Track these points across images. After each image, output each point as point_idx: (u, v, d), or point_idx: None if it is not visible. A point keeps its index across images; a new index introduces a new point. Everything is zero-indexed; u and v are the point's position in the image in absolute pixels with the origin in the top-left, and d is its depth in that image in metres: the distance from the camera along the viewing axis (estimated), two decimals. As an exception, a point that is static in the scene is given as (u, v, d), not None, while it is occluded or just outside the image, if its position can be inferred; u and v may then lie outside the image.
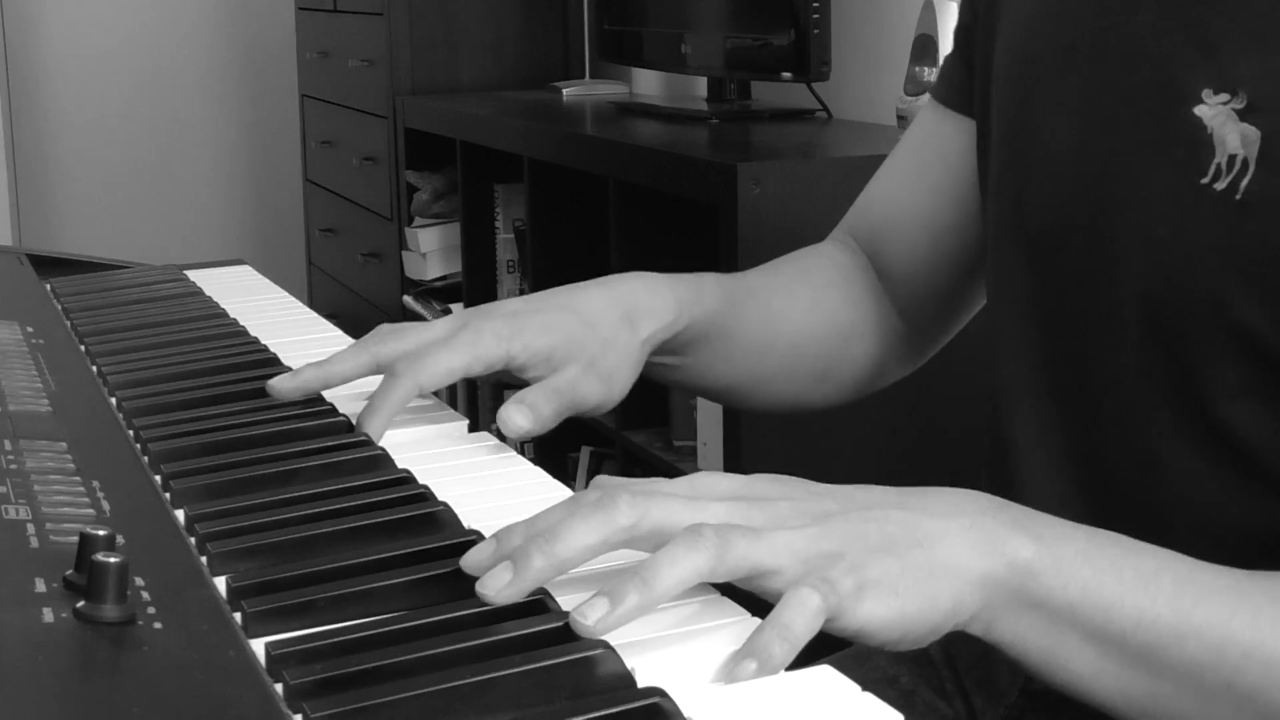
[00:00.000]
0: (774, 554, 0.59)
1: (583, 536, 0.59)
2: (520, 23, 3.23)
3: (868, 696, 0.52)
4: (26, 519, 0.63)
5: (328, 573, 0.61)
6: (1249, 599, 0.61)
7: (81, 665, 0.50)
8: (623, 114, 2.62)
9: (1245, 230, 0.69)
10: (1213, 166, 0.70)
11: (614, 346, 0.87)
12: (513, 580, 0.58)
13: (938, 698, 0.92)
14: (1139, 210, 0.74)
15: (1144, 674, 0.61)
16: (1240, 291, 0.69)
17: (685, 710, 0.50)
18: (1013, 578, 0.61)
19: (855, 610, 0.58)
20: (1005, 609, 0.62)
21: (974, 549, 0.61)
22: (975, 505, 0.64)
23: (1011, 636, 0.62)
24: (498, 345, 0.84)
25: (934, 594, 0.60)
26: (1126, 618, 0.61)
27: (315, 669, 0.52)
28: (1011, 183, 0.85)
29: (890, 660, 0.94)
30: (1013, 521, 0.63)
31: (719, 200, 1.81)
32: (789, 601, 0.57)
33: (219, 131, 4.14)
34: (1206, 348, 0.71)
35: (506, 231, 2.87)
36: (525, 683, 0.52)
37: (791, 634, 0.56)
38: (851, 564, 0.59)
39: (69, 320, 1.08)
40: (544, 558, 0.58)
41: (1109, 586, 0.61)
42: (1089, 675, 0.62)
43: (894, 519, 0.62)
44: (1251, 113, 0.69)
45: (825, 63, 2.16)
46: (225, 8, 4.09)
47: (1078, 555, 0.62)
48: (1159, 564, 0.63)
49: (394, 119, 3.11)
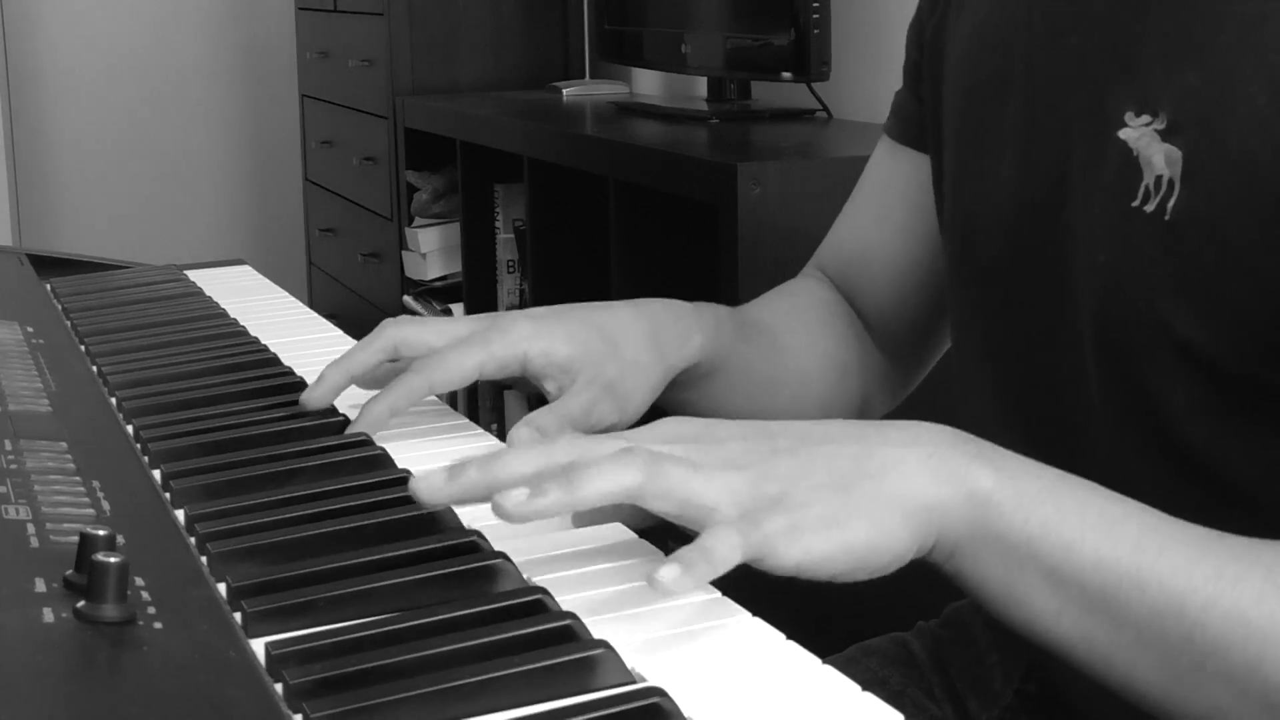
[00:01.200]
0: (711, 491, 0.59)
1: (519, 464, 0.61)
2: (520, 23, 3.22)
3: (868, 696, 0.52)
4: (26, 519, 0.63)
5: (328, 573, 0.61)
6: (1214, 553, 0.60)
7: (81, 665, 0.50)
8: (623, 114, 2.62)
9: (1176, 250, 0.69)
10: (1141, 189, 0.71)
11: (636, 368, 0.85)
12: (446, 483, 0.61)
13: (927, 699, 0.92)
14: (1082, 236, 0.75)
15: (1105, 620, 0.60)
16: (1180, 310, 0.69)
17: (685, 710, 0.50)
18: (972, 507, 0.61)
19: (789, 548, 0.58)
20: (965, 539, 0.61)
21: (932, 477, 0.61)
22: (937, 436, 0.63)
23: (970, 567, 0.62)
24: (514, 346, 0.82)
25: (883, 521, 0.59)
26: (1086, 558, 0.60)
27: (315, 669, 0.52)
28: (962, 217, 0.86)
29: (880, 663, 0.95)
30: (975, 453, 0.62)
31: (719, 200, 1.81)
32: (711, 532, 0.58)
33: (219, 132, 4.14)
34: (1159, 369, 0.71)
35: (506, 231, 2.87)
36: (525, 683, 0.52)
37: (713, 557, 0.57)
38: (790, 504, 0.59)
39: (69, 320, 1.08)
40: (479, 472, 0.61)
41: (1070, 525, 0.60)
42: (1049, 615, 0.61)
43: (846, 453, 0.61)
44: (1173, 133, 0.69)
45: (825, 63, 2.16)
46: (225, 8, 4.09)
47: (1041, 491, 0.61)
48: (1125, 511, 0.62)
49: (394, 119, 3.11)
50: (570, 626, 0.56)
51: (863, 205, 1.03)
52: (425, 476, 0.62)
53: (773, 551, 0.58)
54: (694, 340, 0.89)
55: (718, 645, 0.56)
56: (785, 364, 0.98)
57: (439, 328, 0.85)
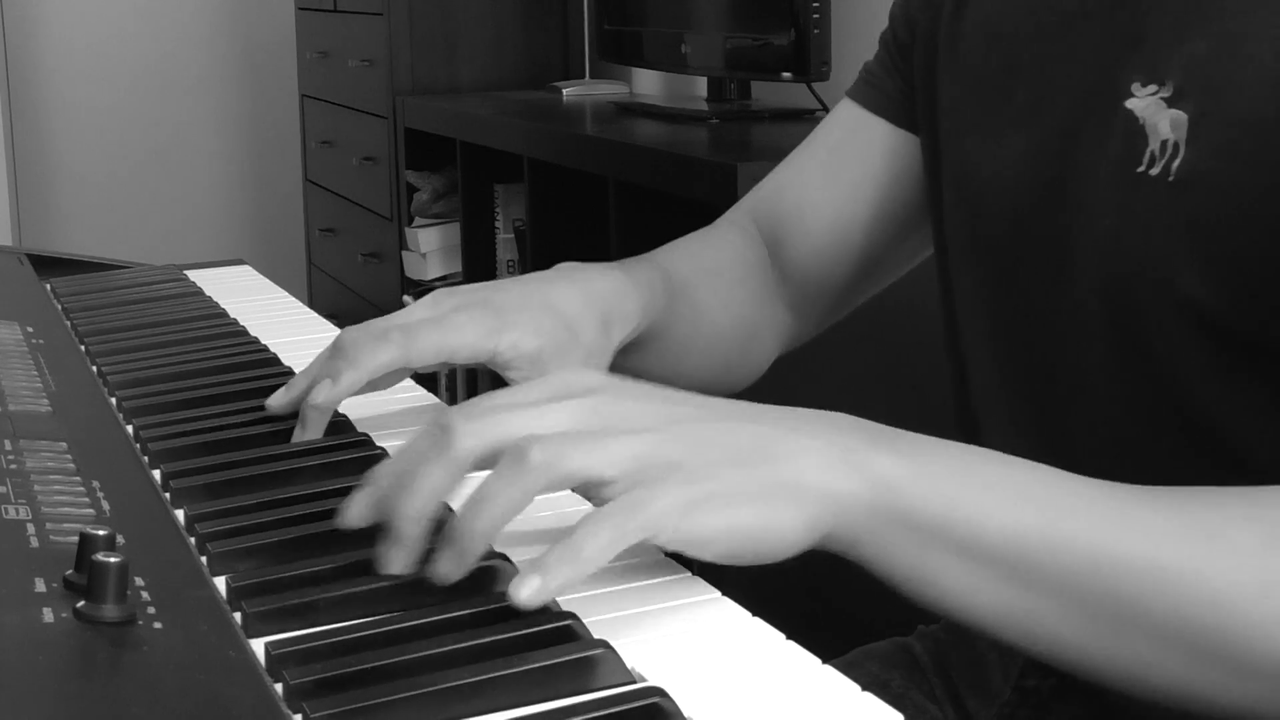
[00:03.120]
0: (609, 464, 0.58)
1: (430, 482, 0.59)
2: (520, 23, 3.23)
3: (868, 696, 0.52)
4: (26, 519, 0.63)
5: (328, 573, 0.61)
6: (1125, 507, 0.59)
7: (81, 665, 0.50)
8: (623, 114, 2.62)
9: (1180, 210, 0.70)
10: (1146, 154, 0.72)
11: (594, 353, 0.86)
12: (396, 548, 0.59)
13: (928, 701, 0.92)
14: (1088, 208, 0.76)
15: (1020, 589, 0.59)
16: (1184, 269, 0.71)
17: (685, 710, 0.50)
18: (873, 494, 0.59)
19: (679, 524, 0.57)
20: (867, 527, 0.60)
21: (829, 467, 0.59)
22: (837, 423, 0.62)
23: (875, 554, 0.60)
24: (485, 339, 0.81)
25: (775, 510, 0.58)
26: (994, 530, 0.59)
27: (315, 669, 0.52)
28: (968, 202, 0.87)
29: (881, 666, 0.95)
30: (874, 438, 0.61)
31: (719, 200, 1.81)
32: (583, 525, 0.56)
33: (219, 131, 4.14)
34: (1166, 332, 0.72)
35: (506, 231, 2.87)
36: (525, 683, 0.52)
37: (580, 557, 0.56)
38: (688, 475, 0.58)
39: (69, 320, 1.08)
40: (403, 521, 0.59)
41: (976, 498, 0.59)
42: (964, 591, 0.60)
43: (747, 431, 0.60)
44: (1179, 99, 0.71)
45: (825, 63, 2.16)
46: (225, 8, 4.09)
47: (943, 470, 0.60)
48: (1031, 476, 0.61)
49: (394, 119, 3.11)
50: (570, 626, 0.56)
51: (814, 158, 1.03)
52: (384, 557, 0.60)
53: (661, 529, 0.57)
54: (633, 318, 0.89)
55: (718, 645, 0.56)
56: (699, 323, 0.98)
57: (400, 318, 0.83)
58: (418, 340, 0.79)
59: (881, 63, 1.01)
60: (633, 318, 0.89)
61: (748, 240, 1.04)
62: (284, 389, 0.82)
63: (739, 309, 1.01)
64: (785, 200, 1.04)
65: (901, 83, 0.97)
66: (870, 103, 1.00)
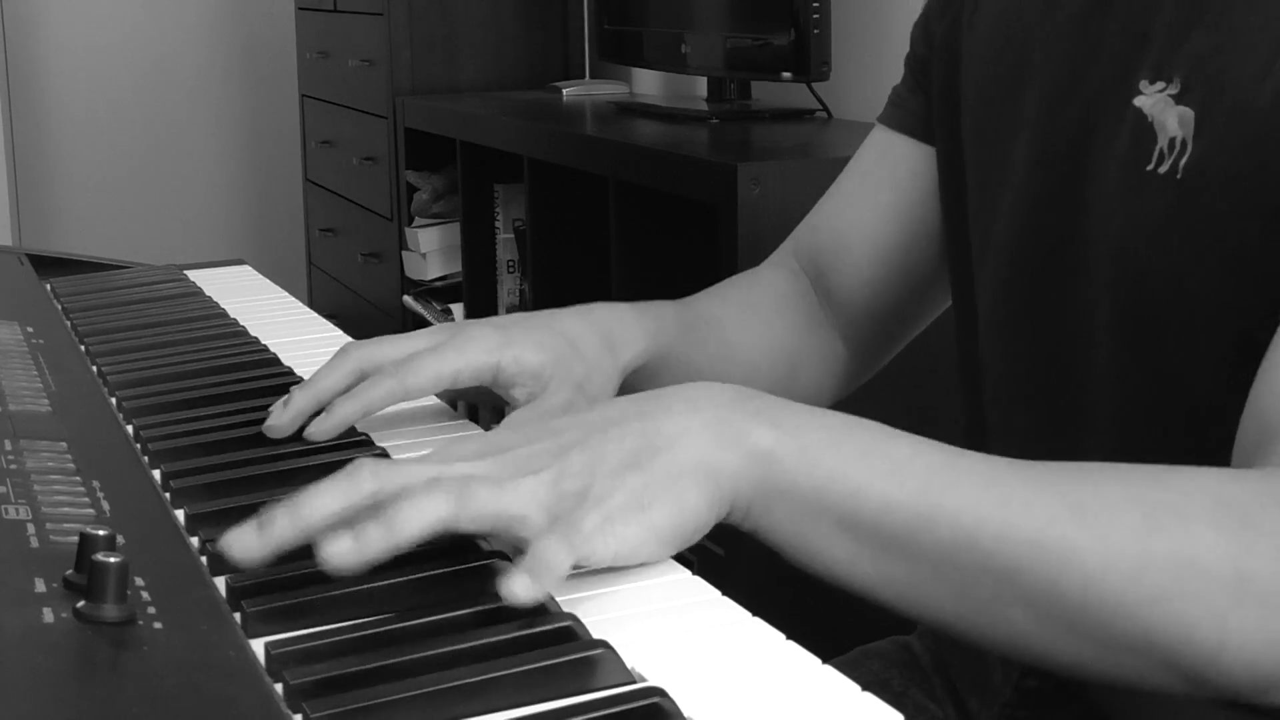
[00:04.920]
0: (518, 502, 0.60)
1: (325, 501, 0.61)
2: (520, 23, 3.22)
3: (868, 696, 0.52)
4: (26, 519, 0.63)
5: (327, 572, 0.61)
6: (1003, 482, 0.60)
7: (81, 665, 0.50)
8: (623, 114, 2.62)
9: (1187, 205, 0.71)
10: (1155, 152, 0.73)
11: (598, 370, 0.86)
12: (259, 538, 0.60)
13: (928, 700, 0.92)
14: (1099, 207, 0.77)
15: (899, 559, 0.60)
16: (1192, 266, 0.71)
17: (685, 710, 0.50)
18: (756, 466, 0.61)
19: (605, 544, 0.60)
20: (754, 497, 0.62)
21: (715, 442, 0.62)
22: (716, 399, 0.64)
23: (766, 524, 0.62)
24: (488, 355, 0.82)
25: (682, 495, 0.61)
26: (874, 501, 0.60)
27: (315, 669, 0.52)
28: (987, 205, 0.87)
29: (882, 664, 0.95)
30: (755, 411, 0.63)
31: (719, 200, 1.81)
32: (540, 541, 0.59)
33: (219, 131, 4.14)
34: (1176, 329, 0.73)
35: (506, 231, 2.87)
36: (525, 683, 0.52)
37: (551, 563, 0.58)
38: (595, 498, 0.60)
39: (69, 320, 1.08)
40: (288, 519, 0.61)
41: (856, 471, 0.61)
42: (845, 561, 0.61)
43: (633, 430, 0.63)
44: (1185, 95, 0.72)
45: (825, 63, 2.16)
46: (225, 8, 4.09)
47: (823, 443, 0.62)
48: (913, 451, 0.62)
49: (394, 119, 3.11)
50: (570, 627, 0.56)
51: (848, 188, 1.04)
52: (235, 536, 0.61)
53: (592, 551, 0.60)
54: (640, 343, 0.90)
55: (718, 645, 0.56)
56: (732, 357, 0.98)
57: (402, 344, 0.84)
58: (414, 371, 0.80)
59: (906, 84, 1.02)
60: (637, 341, 0.90)
61: (786, 275, 1.05)
62: (281, 406, 0.81)
63: (776, 341, 1.01)
64: (824, 231, 1.04)
65: (925, 99, 0.98)
66: (897, 123, 1.01)
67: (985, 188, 0.88)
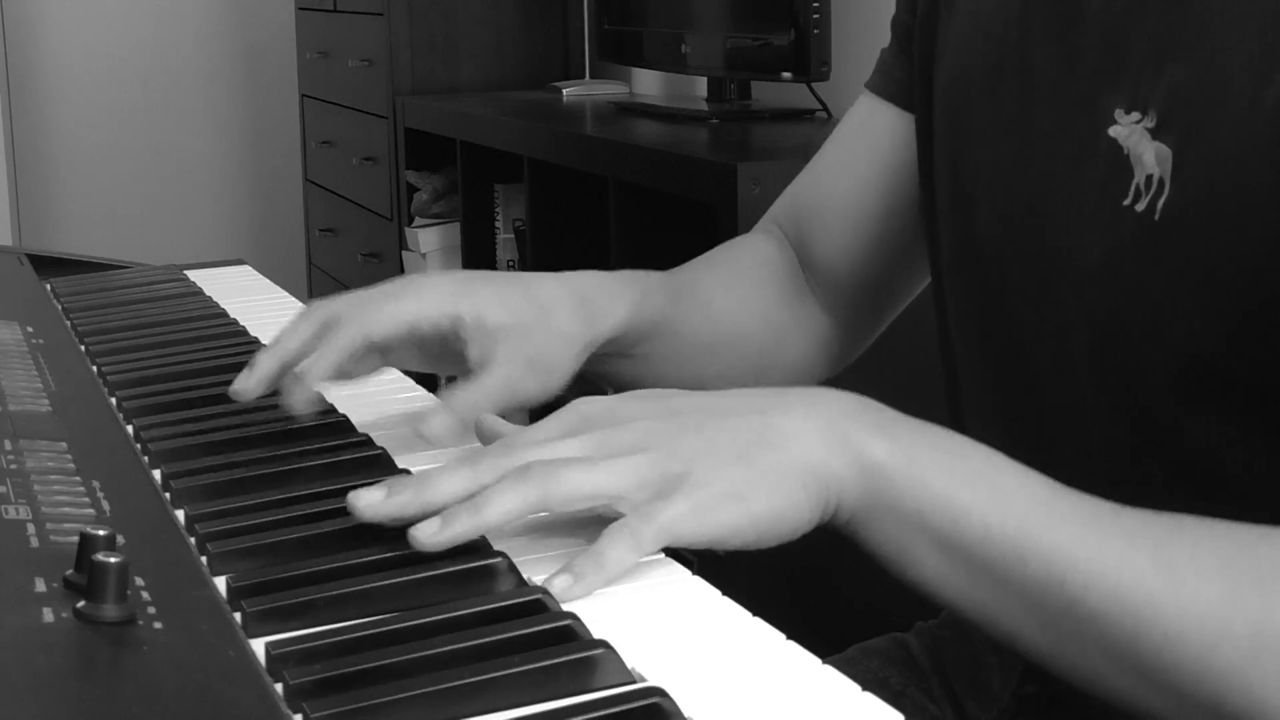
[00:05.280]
0: (613, 481, 0.62)
1: (455, 484, 0.63)
2: (520, 23, 3.23)
3: (868, 696, 0.52)
4: (26, 519, 0.63)
5: (328, 573, 0.61)
6: (1101, 531, 0.61)
7: (81, 665, 0.50)
8: (623, 114, 2.62)
9: (1166, 249, 0.69)
10: (1132, 188, 0.71)
11: (561, 338, 0.84)
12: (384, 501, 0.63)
13: (927, 700, 0.92)
14: (1074, 233, 0.75)
15: (990, 586, 0.62)
16: (1172, 311, 0.70)
17: (685, 710, 0.50)
18: (865, 478, 0.63)
19: (699, 526, 0.61)
20: (860, 506, 0.63)
21: (829, 448, 0.63)
22: (835, 407, 0.65)
23: (867, 534, 0.64)
24: (449, 302, 0.80)
25: (788, 492, 0.62)
26: (973, 529, 0.62)
27: (315, 669, 0.52)
28: (960, 203, 0.85)
29: (881, 663, 0.95)
30: (873, 424, 0.64)
31: (719, 200, 1.81)
32: (606, 534, 0.61)
33: (219, 131, 4.14)
34: (1154, 368, 0.72)
35: (506, 231, 2.87)
36: (525, 683, 0.52)
37: (605, 561, 0.60)
38: (696, 481, 0.61)
39: (69, 320, 1.08)
40: (414, 494, 0.63)
41: (960, 497, 0.62)
42: (937, 579, 0.63)
43: (749, 425, 0.64)
44: (1162, 131, 0.70)
45: (825, 63, 2.16)
46: (225, 8, 4.09)
47: (934, 463, 0.63)
48: (1019, 484, 0.63)
49: (394, 119, 3.11)
50: (570, 626, 0.56)
51: (831, 155, 1.02)
52: (363, 493, 0.64)
53: (680, 534, 0.61)
54: (619, 311, 0.88)
55: (718, 645, 0.56)
56: (718, 327, 0.97)
57: (360, 294, 0.83)
58: (374, 315, 0.79)
59: (892, 49, 0.99)
60: (617, 309, 0.88)
61: (773, 243, 1.03)
62: (247, 371, 0.81)
63: (762, 309, 0.99)
64: (807, 199, 1.03)
65: (909, 65, 0.95)
66: (881, 89, 0.98)
67: (958, 194, 0.86)
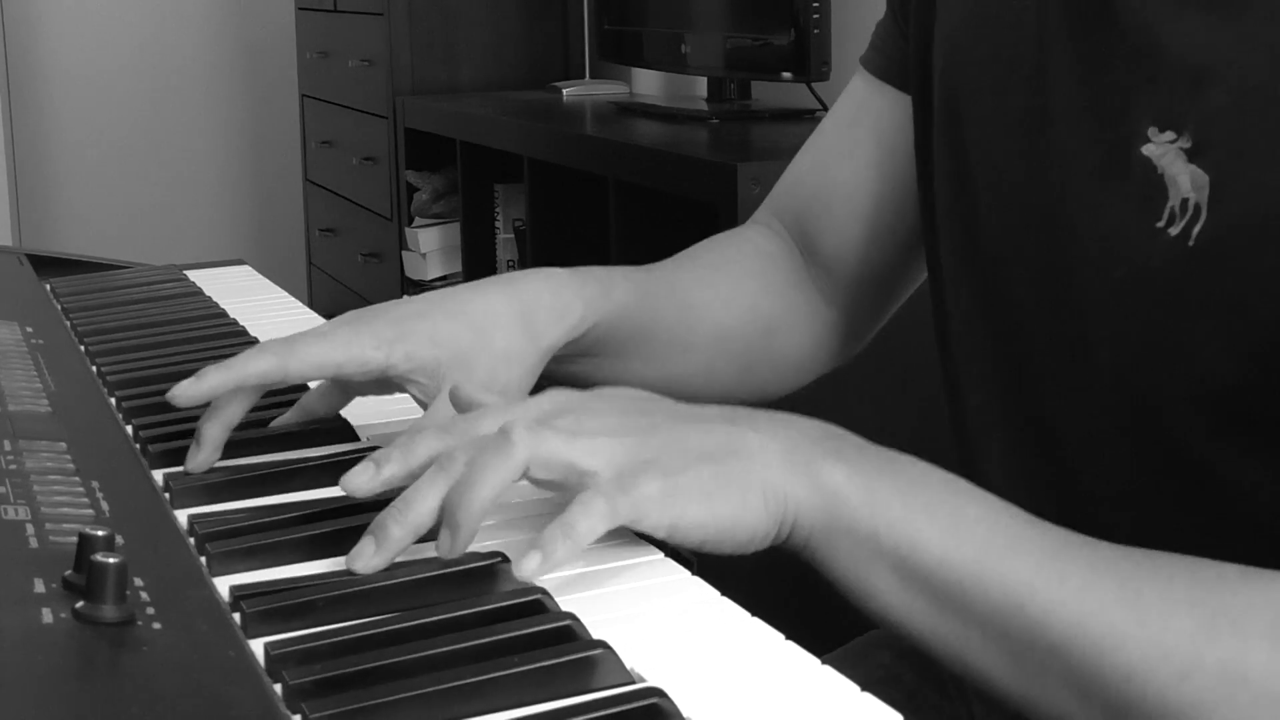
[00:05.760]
0: (589, 456, 0.62)
1: (430, 502, 0.63)
2: (520, 23, 3.23)
3: (867, 696, 0.52)
4: (26, 519, 0.63)
5: (327, 573, 0.61)
6: (1064, 559, 0.60)
7: (81, 665, 0.50)
8: (623, 114, 2.62)
9: (1200, 277, 0.67)
10: (1166, 210, 0.68)
11: (506, 359, 0.82)
12: (377, 552, 0.62)
13: (942, 698, 0.92)
14: (1095, 247, 0.72)
15: (952, 616, 0.61)
16: (1201, 338, 0.67)
17: (685, 710, 0.50)
18: (821, 500, 0.62)
19: (663, 511, 0.61)
20: (816, 531, 0.62)
21: (790, 469, 0.63)
22: (803, 429, 0.65)
23: (825, 558, 0.63)
24: (377, 350, 0.78)
25: (748, 501, 0.61)
26: (932, 555, 0.61)
27: (315, 669, 0.52)
28: (961, 208, 0.83)
29: (894, 658, 0.93)
30: (834, 450, 0.64)
31: (719, 200, 1.81)
32: (577, 502, 0.60)
33: (219, 132, 4.14)
34: (1175, 392, 0.69)
35: (506, 231, 2.87)
36: (525, 683, 0.52)
37: (575, 532, 0.59)
38: (664, 469, 0.61)
39: (69, 320, 1.08)
40: (400, 529, 0.62)
41: (918, 523, 0.61)
42: (899, 608, 0.62)
43: (717, 430, 0.64)
44: (1198, 154, 0.67)
45: (825, 63, 2.16)
46: (225, 8, 4.09)
47: (892, 489, 0.62)
48: (982, 511, 0.62)
49: (394, 119, 3.11)
50: (570, 627, 0.56)
51: (829, 139, 0.98)
52: (357, 554, 0.62)
53: (646, 514, 0.61)
54: (573, 313, 0.85)
55: (717, 645, 0.56)
56: (696, 323, 0.94)
57: (306, 331, 0.80)
58: (297, 352, 0.77)
59: (885, 23, 0.95)
60: (568, 312, 0.85)
61: (765, 234, 1.00)
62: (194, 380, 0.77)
63: (748, 302, 0.96)
64: (805, 185, 0.99)
65: (905, 44, 0.91)
66: (877, 68, 0.95)
67: (959, 195, 0.83)
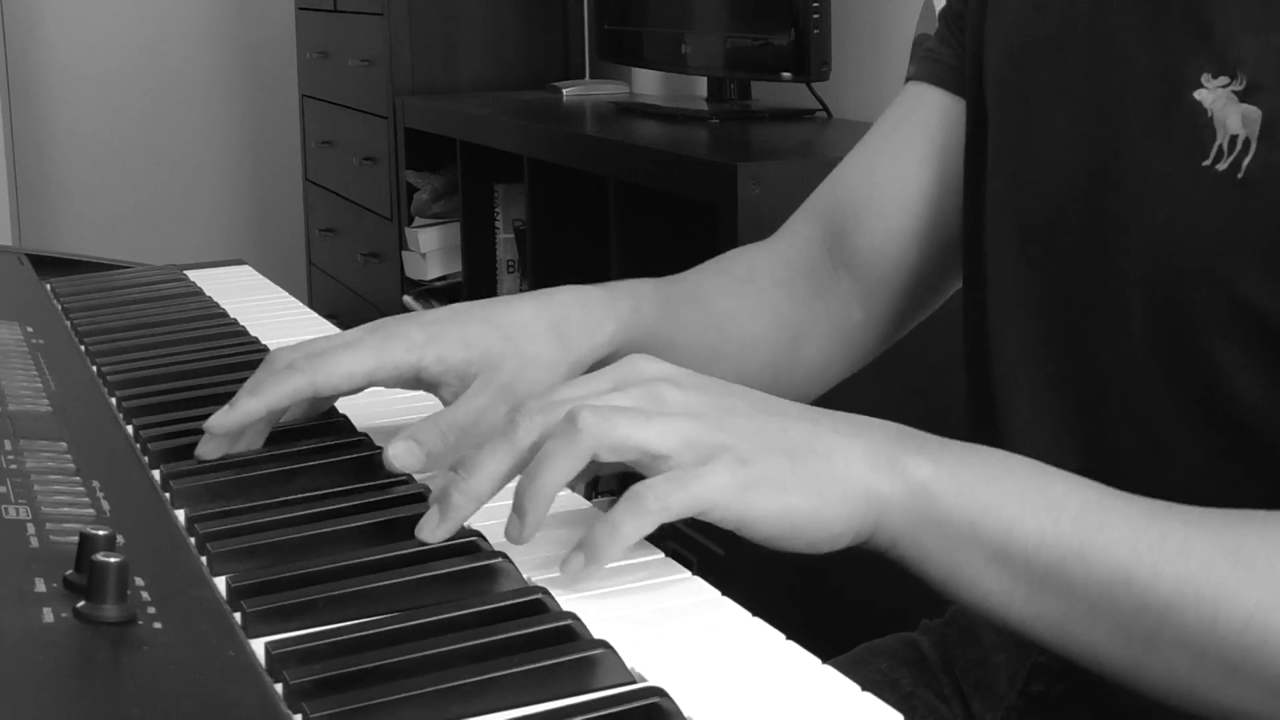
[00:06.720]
0: (663, 438, 0.61)
1: (494, 467, 0.63)
2: (520, 23, 3.23)
3: (867, 697, 0.52)
4: (26, 519, 0.63)
5: (328, 573, 0.61)
6: (1158, 523, 0.60)
7: (81, 665, 0.50)
8: (623, 114, 2.62)
9: (1248, 208, 0.69)
10: (1214, 149, 0.70)
11: (537, 364, 0.81)
12: (441, 522, 0.63)
13: (938, 700, 0.92)
14: (1139, 196, 0.74)
15: (1054, 595, 0.61)
16: (1244, 269, 0.69)
17: (685, 710, 0.50)
18: (909, 497, 0.62)
19: (734, 502, 0.60)
20: (905, 528, 0.62)
21: (870, 466, 0.62)
22: (879, 430, 0.65)
23: (914, 555, 0.63)
24: (409, 353, 0.78)
25: (826, 498, 0.61)
26: (1029, 537, 0.61)
27: (315, 669, 0.52)
28: (1008, 171, 0.85)
29: (891, 664, 0.94)
30: (916, 446, 0.64)
31: (719, 200, 1.81)
32: (624, 500, 0.60)
33: (219, 131, 4.14)
34: (1212, 329, 0.71)
35: (506, 231, 2.87)
36: (526, 682, 0.52)
37: (620, 533, 0.59)
38: (740, 457, 0.60)
39: (69, 320, 1.08)
40: (463, 497, 0.63)
41: (1011, 507, 0.61)
42: (997, 596, 0.62)
43: (797, 428, 0.63)
44: (1252, 93, 0.69)
45: (825, 63, 2.16)
46: (225, 8, 4.09)
47: (980, 478, 0.62)
48: (1068, 489, 0.62)
49: (394, 119, 3.11)
50: (570, 626, 0.56)
51: (876, 142, 1.00)
52: (424, 524, 0.64)
53: (714, 505, 0.60)
54: (605, 329, 0.85)
55: (718, 645, 0.56)
56: (723, 333, 0.95)
57: (323, 342, 0.79)
58: (325, 367, 0.76)
59: (940, 37, 0.97)
60: (603, 327, 0.85)
61: (794, 243, 1.01)
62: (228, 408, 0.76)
63: (774, 311, 0.97)
64: (848, 188, 1.00)
65: (960, 51, 0.94)
66: (928, 75, 0.97)
67: (1006, 157, 0.85)
